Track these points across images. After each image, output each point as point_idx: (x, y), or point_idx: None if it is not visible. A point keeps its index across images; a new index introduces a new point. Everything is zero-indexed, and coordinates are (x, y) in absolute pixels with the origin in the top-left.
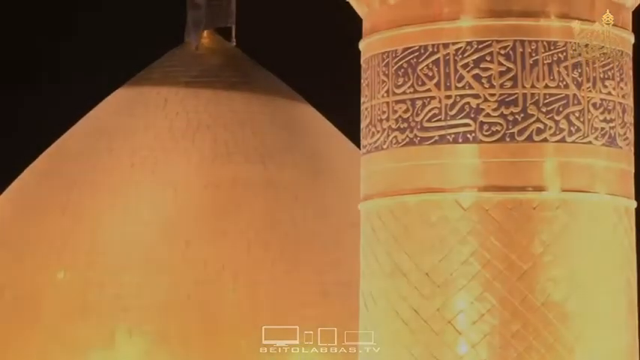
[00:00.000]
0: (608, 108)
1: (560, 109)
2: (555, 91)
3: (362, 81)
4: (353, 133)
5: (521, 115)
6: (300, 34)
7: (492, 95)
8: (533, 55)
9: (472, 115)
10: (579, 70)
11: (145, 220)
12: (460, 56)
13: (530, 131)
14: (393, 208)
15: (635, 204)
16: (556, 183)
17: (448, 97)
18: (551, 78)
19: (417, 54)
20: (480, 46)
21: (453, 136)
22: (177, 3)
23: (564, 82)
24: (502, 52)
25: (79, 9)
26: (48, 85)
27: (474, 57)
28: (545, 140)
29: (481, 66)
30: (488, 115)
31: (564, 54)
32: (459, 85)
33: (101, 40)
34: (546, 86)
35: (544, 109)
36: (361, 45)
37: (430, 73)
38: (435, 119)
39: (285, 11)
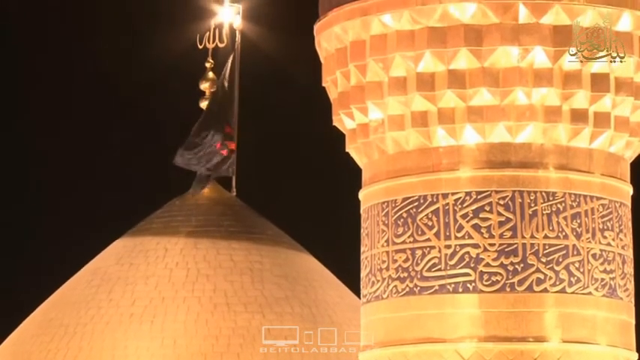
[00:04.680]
0: (607, 259)
1: (560, 259)
2: (555, 242)
3: (361, 230)
4: (353, 283)
5: (521, 265)
6: (300, 184)
7: (492, 245)
8: (532, 205)
9: (472, 265)
10: (578, 221)
11: None
12: (459, 206)
13: (531, 281)
14: (393, 358)
15: (636, 356)
16: (557, 334)
17: (448, 246)
18: (551, 228)
19: (416, 204)
20: (479, 197)
21: (453, 285)
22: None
23: (564, 233)
24: (501, 202)
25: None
26: (48, 235)
27: (473, 207)
28: (545, 290)
29: (480, 216)
30: (488, 264)
31: (563, 204)
32: (459, 234)
33: (101, 190)
34: (546, 236)
35: (544, 260)
36: (361, 195)
37: (430, 223)
38: (435, 269)
39: (284, 162)
